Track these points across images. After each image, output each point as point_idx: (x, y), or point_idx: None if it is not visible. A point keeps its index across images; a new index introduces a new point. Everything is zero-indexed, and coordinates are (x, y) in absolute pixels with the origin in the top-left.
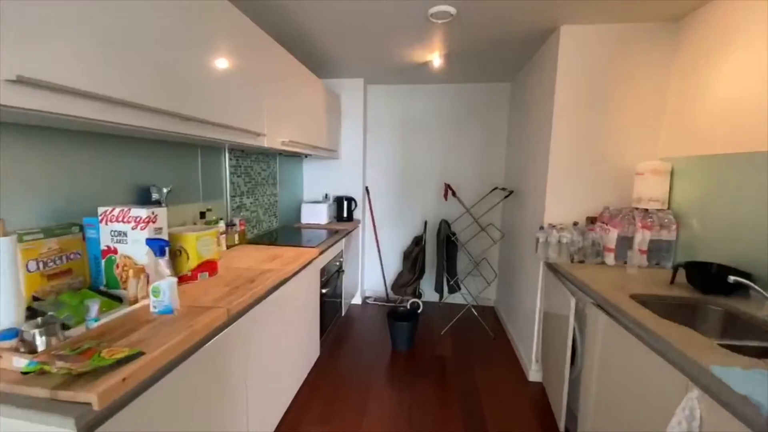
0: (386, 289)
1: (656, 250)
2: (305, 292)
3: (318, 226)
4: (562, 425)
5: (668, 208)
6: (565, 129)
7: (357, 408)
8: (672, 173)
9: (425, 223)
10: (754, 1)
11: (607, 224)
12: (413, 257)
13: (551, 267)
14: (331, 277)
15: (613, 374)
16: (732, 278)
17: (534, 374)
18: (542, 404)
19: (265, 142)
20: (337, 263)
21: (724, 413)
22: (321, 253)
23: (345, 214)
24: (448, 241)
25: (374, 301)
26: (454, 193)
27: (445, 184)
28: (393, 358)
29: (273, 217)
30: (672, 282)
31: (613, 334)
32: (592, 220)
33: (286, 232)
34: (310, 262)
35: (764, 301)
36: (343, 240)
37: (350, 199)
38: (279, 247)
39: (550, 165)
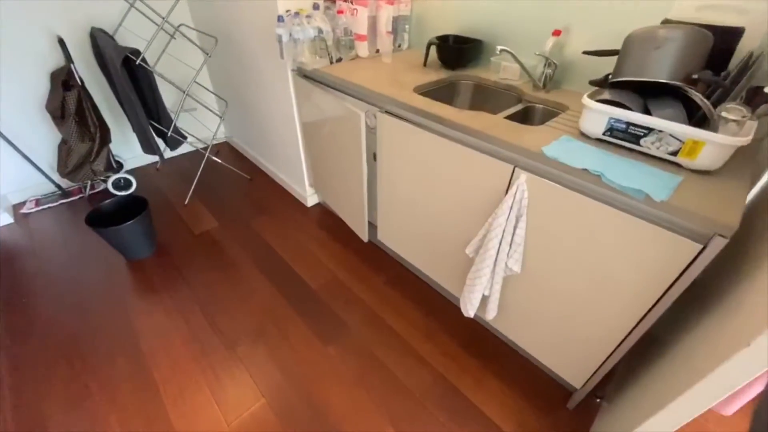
0: (50, 179)
1: (398, 31)
2: None
3: None
4: (365, 237)
5: None
6: None
7: (129, 375)
8: None
9: (61, 42)
10: None
11: (352, 3)
12: (73, 112)
13: (307, 76)
14: None
15: (420, 176)
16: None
17: (311, 199)
18: (336, 224)
19: None
20: None
21: (556, 187)
22: None
23: None
24: (131, 70)
25: (40, 206)
26: None
27: None
28: (139, 272)
29: None
30: (425, 64)
31: (411, 137)
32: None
33: None
34: None
35: (498, 65)
36: None
37: None
38: None
39: None
